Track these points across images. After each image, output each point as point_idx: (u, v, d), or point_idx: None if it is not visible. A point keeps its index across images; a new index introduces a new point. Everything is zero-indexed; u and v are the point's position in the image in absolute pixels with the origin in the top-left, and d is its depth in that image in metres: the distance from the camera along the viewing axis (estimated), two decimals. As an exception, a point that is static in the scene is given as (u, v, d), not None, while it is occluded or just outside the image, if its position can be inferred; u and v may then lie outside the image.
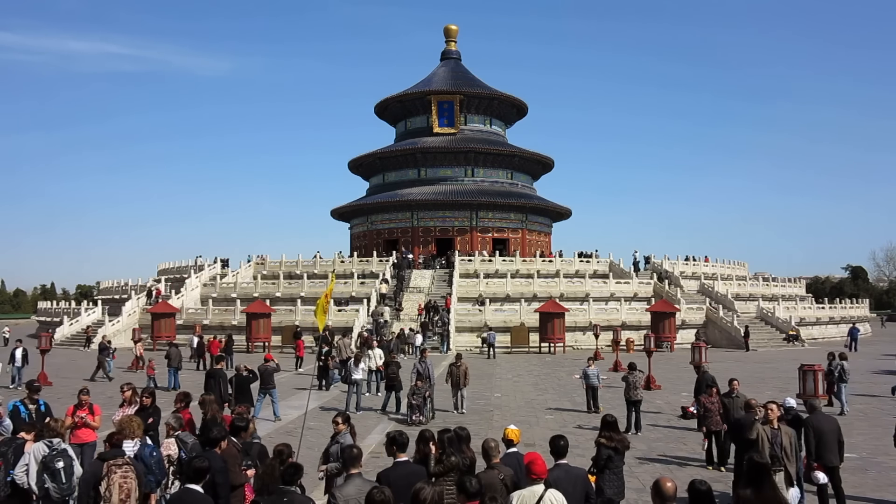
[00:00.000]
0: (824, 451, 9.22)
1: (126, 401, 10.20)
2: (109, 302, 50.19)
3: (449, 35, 71.56)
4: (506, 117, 69.35)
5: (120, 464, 6.68)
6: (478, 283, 44.57)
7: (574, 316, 40.05)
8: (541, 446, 11.75)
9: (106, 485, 6.55)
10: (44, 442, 7.36)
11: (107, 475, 6.60)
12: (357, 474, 5.93)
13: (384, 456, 7.26)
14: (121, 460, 6.73)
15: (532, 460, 5.81)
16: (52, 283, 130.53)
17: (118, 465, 6.66)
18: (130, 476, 6.60)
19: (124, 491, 6.50)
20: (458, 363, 17.81)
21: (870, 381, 25.18)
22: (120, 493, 6.51)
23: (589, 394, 17.95)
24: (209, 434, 7.16)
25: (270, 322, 38.26)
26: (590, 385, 17.88)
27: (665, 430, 15.73)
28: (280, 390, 18.37)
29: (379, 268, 48.42)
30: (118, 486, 6.52)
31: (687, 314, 42.75)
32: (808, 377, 16.87)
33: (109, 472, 6.61)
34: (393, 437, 6.62)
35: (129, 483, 6.56)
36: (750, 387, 21.65)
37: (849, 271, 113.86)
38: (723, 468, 11.92)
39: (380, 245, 60.72)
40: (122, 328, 43.15)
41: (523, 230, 63.23)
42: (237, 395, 14.68)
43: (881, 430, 14.78)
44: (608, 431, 7.99)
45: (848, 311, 56.89)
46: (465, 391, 17.88)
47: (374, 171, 67.51)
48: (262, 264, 52.26)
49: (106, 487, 6.55)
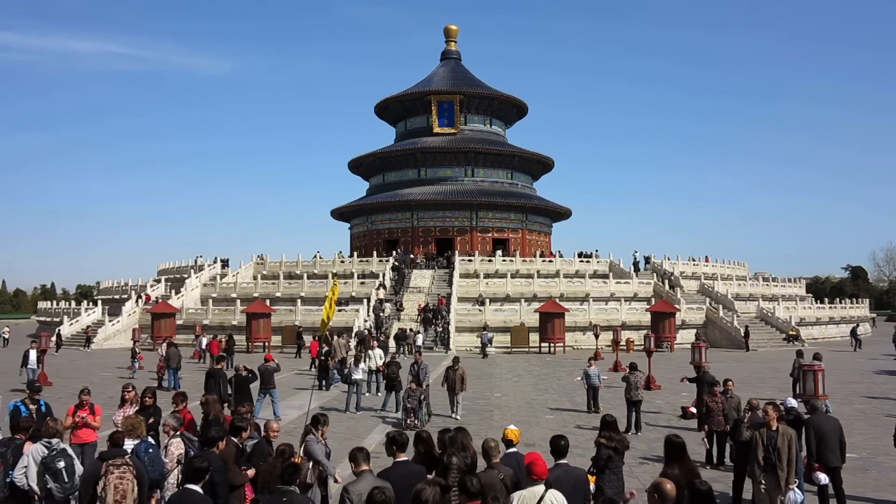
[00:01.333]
0: (825, 451, 9.16)
1: (129, 401, 10.19)
2: (109, 302, 50.21)
3: (449, 35, 71.57)
4: (506, 117, 69.37)
5: (118, 464, 6.64)
6: (478, 283, 44.59)
7: (574, 316, 40.06)
8: (541, 446, 11.75)
9: (102, 484, 6.53)
10: (42, 443, 7.35)
11: (104, 475, 6.58)
12: (368, 471, 5.98)
13: (384, 456, 7.26)
14: (120, 460, 6.70)
15: (533, 461, 5.81)
16: (52, 283, 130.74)
17: (116, 465, 6.63)
18: (128, 476, 6.56)
19: (119, 492, 6.46)
20: (455, 367, 17.36)
21: (870, 381, 25.20)
22: (115, 493, 6.47)
23: (589, 394, 17.98)
24: (207, 433, 7.16)
25: (270, 322, 38.29)
26: (590, 385, 17.90)
27: (665, 431, 15.67)
28: (280, 390, 18.39)
29: (379, 268, 48.45)
30: (113, 487, 6.49)
31: (687, 314, 42.77)
32: (808, 377, 16.84)
33: (107, 471, 6.58)
34: (393, 436, 6.64)
35: (125, 484, 6.51)
36: (750, 387, 21.69)
37: (849, 271, 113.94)
38: (721, 467, 11.93)
39: (380, 245, 60.73)
40: (122, 328, 43.18)
41: (523, 230, 63.24)
42: (236, 395, 14.69)
43: (881, 430, 14.79)
44: (608, 431, 8.00)
45: (848, 311, 56.91)
46: (460, 396, 17.38)
47: (374, 171, 67.53)
48: (262, 264, 52.27)
49: (102, 487, 6.52)
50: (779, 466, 8.30)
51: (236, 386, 14.95)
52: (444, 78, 66.43)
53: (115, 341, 41.66)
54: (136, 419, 7.91)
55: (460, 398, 17.44)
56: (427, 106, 64.06)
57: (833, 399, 18.18)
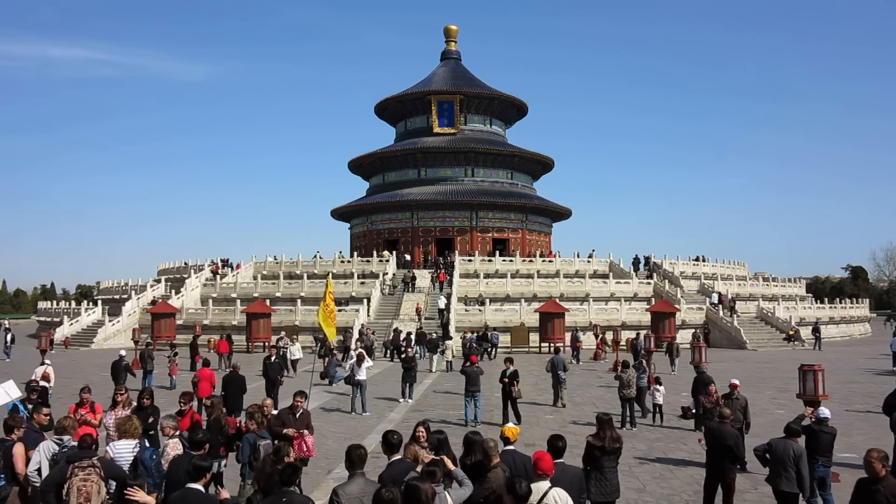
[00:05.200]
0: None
1: (121, 403, 10.20)
2: (109, 302, 50.20)
3: (449, 35, 71.54)
4: (506, 117, 69.34)
5: (84, 466, 6.52)
6: (478, 283, 44.58)
7: (574, 316, 40.04)
8: (541, 446, 11.73)
9: (67, 487, 6.43)
10: (53, 439, 7.39)
11: (70, 477, 6.47)
12: (361, 474, 5.98)
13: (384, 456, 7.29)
14: (86, 462, 6.57)
15: (539, 457, 5.93)
16: (52, 283, 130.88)
17: (82, 466, 6.51)
18: (92, 479, 6.45)
19: (83, 494, 6.36)
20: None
21: (870, 380, 25.19)
22: (78, 496, 6.36)
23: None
24: (195, 437, 7.22)
25: (270, 322, 38.27)
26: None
27: (665, 431, 15.75)
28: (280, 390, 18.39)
29: (379, 268, 48.43)
30: (76, 490, 6.38)
31: (687, 314, 42.77)
32: (808, 377, 16.84)
33: (72, 474, 6.47)
34: (386, 436, 6.72)
35: (88, 486, 6.40)
36: (750, 387, 21.65)
37: (849, 271, 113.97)
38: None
39: (380, 245, 60.69)
40: (122, 328, 43.17)
41: (523, 230, 63.23)
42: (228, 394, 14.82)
43: (881, 429, 14.76)
44: (601, 429, 7.97)
45: (848, 311, 56.88)
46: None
47: (374, 171, 67.51)
48: (262, 264, 52.26)
49: (66, 490, 6.42)
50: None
51: (229, 385, 15.07)
52: (444, 78, 66.41)
53: (116, 341, 41.62)
54: (129, 420, 7.92)
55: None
56: (427, 106, 64.04)
57: (833, 399, 18.19)
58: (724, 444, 8.80)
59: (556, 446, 6.66)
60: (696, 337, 33.14)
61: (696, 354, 18.71)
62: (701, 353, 18.60)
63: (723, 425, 9.11)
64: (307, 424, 9.75)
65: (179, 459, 7.04)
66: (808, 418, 9.89)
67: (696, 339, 30.52)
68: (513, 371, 16.43)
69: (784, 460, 8.21)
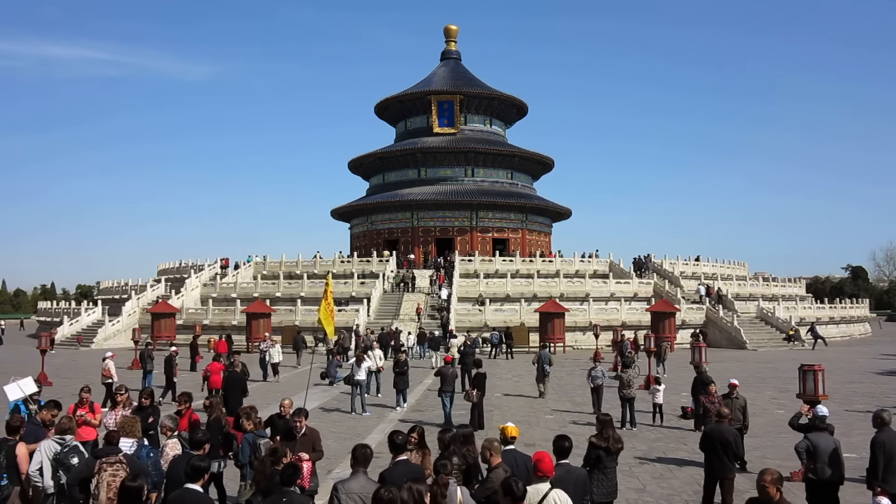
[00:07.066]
0: (891, 475, 7.85)
1: (122, 403, 10.21)
2: (109, 302, 50.17)
3: (449, 35, 71.53)
4: (506, 117, 69.35)
5: (112, 461, 6.66)
6: (478, 283, 44.58)
7: (574, 316, 40.05)
8: (541, 446, 11.76)
9: (96, 482, 6.54)
10: (55, 439, 7.40)
11: (98, 472, 6.59)
12: (362, 472, 5.99)
13: (384, 456, 7.29)
14: (114, 458, 6.70)
15: (540, 458, 5.89)
16: (52, 283, 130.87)
17: (110, 462, 6.65)
18: (120, 474, 6.55)
19: (112, 489, 6.45)
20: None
21: (870, 380, 25.20)
22: (108, 491, 6.48)
23: (594, 395, 17.40)
24: (195, 437, 7.23)
25: (270, 322, 38.28)
26: (596, 386, 17.35)
27: (665, 430, 15.76)
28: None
29: (379, 268, 48.43)
30: (106, 485, 6.49)
31: (687, 314, 42.78)
32: (808, 377, 16.85)
33: (101, 469, 6.60)
34: (392, 437, 6.71)
35: (118, 481, 6.48)
36: (750, 387, 21.66)
37: (849, 271, 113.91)
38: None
39: (380, 245, 60.68)
40: (122, 328, 43.17)
41: (523, 230, 63.24)
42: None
43: (881, 430, 14.75)
44: (603, 430, 8.00)
45: (848, 311, 56.89)
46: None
47: (374, 171, 67.51)
48: (262, 264, 52.24)
49: (96, 485, 6.54)
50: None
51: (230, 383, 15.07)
52: (444, 78, 66.41)
53: (116, 341, 41.61)
54: (130, 419, 7.94)
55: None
56: (427, 106, 64.05)
57: (833, 399, 18.19)
58: (722, 444, 8.83)
59: (562, 447, 6.63)
60: (695, 336, 33.11)
61: (696, 354, 18.68)
62: (701, 353, 18.57)
63: (721, 424, 9.15)
64: (312, 447, 8.43)
65: (178, 459, 7.06)
66: (805, 416, 9.94)
67: (695, 339, 30.48)
68: (477, 374, 16.07)
69: (828, 453, 8.40)
